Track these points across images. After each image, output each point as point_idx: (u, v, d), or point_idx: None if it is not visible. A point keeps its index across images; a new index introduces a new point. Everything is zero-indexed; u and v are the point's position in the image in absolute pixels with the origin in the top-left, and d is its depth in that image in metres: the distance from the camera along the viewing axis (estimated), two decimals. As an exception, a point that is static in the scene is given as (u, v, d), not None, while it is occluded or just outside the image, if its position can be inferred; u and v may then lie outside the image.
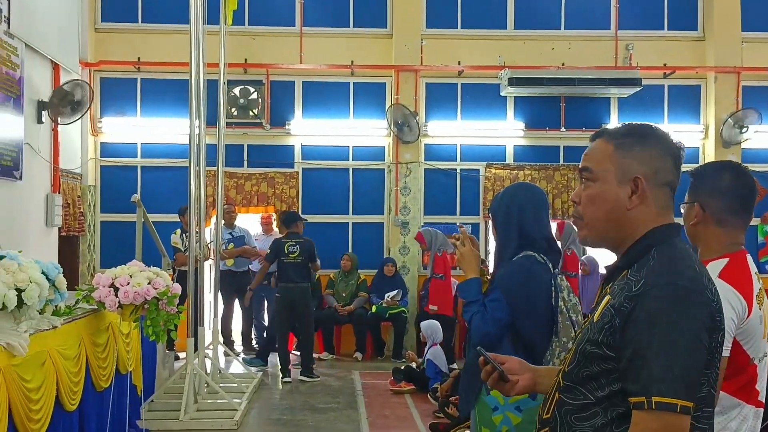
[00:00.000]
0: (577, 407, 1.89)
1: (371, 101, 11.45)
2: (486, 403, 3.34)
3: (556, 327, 3.35)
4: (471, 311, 3.42)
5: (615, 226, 1.97)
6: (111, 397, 5.65)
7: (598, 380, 1.85)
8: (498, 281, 3.45)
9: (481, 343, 3.38)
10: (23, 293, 4.48)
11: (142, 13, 11.22)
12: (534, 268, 3.39)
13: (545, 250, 3.45)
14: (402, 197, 11.28)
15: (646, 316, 1.77)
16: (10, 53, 7.93)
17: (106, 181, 11.30)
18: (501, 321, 3.33)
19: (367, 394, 8.53)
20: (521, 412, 3.26)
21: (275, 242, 9.44)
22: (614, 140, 1.99)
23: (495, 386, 2.24)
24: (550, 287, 3.38)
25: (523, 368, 2.24)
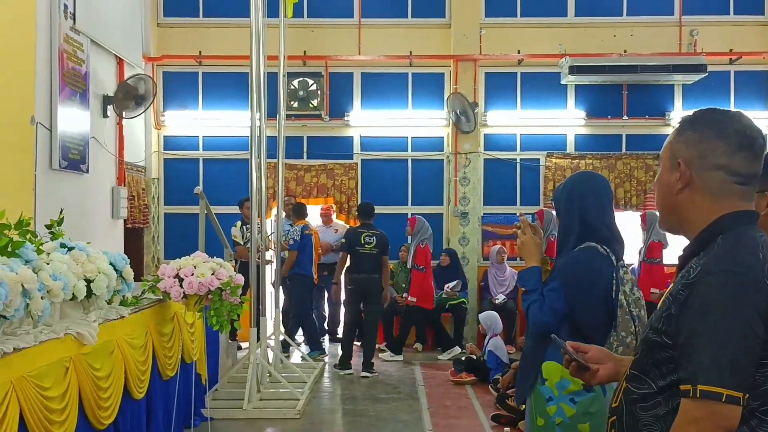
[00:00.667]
0: (640, 396, 1.88)
1: (430, 92, 11.41)
2: (541, 393, 3.32)
3: (615, 321, 3.30)
4: (529, 300, 3.40)
5: (670, 211, 1.99)
6: (177, 386, 5.75)
7: (660, 369, 1.84)
8: (558, 271, 3.40)
9: (537, 332, 3.36)
10: (92, 284, 4.59)
11: (203, 8, 11.36)
12: (594, 259, 3.34)
13: (608, 240, 3.39)
14: (461, 188, 11.23)
15: (699, 303, 1.76)
16: (76, 49, 8.11)
17: (169, 174, 11.49)
18: (558, 311, 3.30)
19: (428, 385, 8.54)
20: (575, 404, 3.24)
21: (351, 232, 9.40)
22: (677, 126, 2.02)
23: (575, 375, 2.23)
24: (610, 280, 3.33)
25: (606, 357, 2.23)
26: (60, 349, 3.91)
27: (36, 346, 3.66)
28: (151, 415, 5.36)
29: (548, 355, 3.29)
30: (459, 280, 10.67)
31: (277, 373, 7.92)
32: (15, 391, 3.36)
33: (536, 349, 3.36)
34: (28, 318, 3.83)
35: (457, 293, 10.59)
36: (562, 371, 3.23)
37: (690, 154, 1.93)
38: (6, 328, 3.67)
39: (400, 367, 9.49)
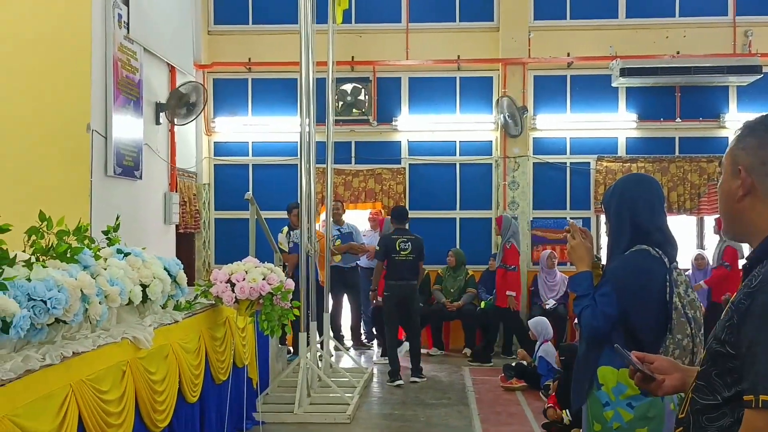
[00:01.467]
0: (706, 407, 1.85)
1: (478, 95, 11.37)
2: (597, 398, 3.28)
3: (670, 323, 3.25)
4: (581, 305, 3.36)
5: (732, 219, 1.95)
6: (229, 390, 5.81)
7: (724, 379, 1.81)
8: (609, 275, 3.36)
9: (590, 337, 3.32)
10: (147, 288, 4.66)
11: (252, 15, 11.48)
12: (647, 262, 3.29)
13: (660, 243, 3.34)
14: (510, 192, 11.16)
15: (761, 312, 1.72)
16: (129, 57, 8.25)
17: (219, 180, 11.62)
18: (610, 316, 3.26)
19: (478, 390, 8.48)
20: (633, 409, 3.21)
21: (385, 239, 9.14)
22: (738, 132, 1.98)
23: (640, 385, 2.20)
24: (664, 282, 3.27)
25: (673, 368, 2.20)
26: (117, 353, 3.97)
27: (94, 350, 3.72)
28: (204, 419, 5.42)
29: (603, 359, 3.26)
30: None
31: (326, 377, 7.95)
32: (74, 394, 3.43)
33: (590, 354, 3.33)
34: (87, 322, 3.91)
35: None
36: (618, 376, 3.20)
37: (750, 160, 1.89)
38: (65, 332, 3.74)
39: (450, 373, 9.44)
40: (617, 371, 3.21)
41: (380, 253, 9.08)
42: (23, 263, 3.50)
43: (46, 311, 3.38)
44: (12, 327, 3.11)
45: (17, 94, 7.30)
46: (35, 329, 3.40)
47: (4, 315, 3.08)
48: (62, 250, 3.84)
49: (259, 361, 6.89)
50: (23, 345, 3.41)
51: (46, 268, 3.57)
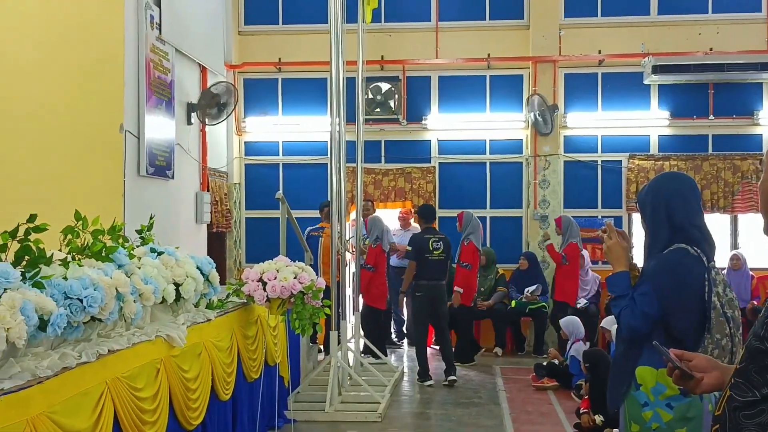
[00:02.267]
0: (744, 404, 1.83)
1: (508, 94, 11.33)
2: (635, 398, 3.26)
3: (708, 323, 3.22)
4: (620, 305, 3.34)
5: None
6: (261, 388, 5.84)
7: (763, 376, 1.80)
8: (647, 275, 3.33)
9: (629, 338, 3.30)
10: (181, 287, 4.70)
11: (282, 15, 11.52)
12: (685, 261, 3.26)
13: (698, 241, 3.30)
14: (541, 190, 11.11)
15: None
16: (162, 58, 8.32)
17: (250, 179, 11.69)
18: (650, 316, 3.23)
19: (509, 390, 8.46)
20: (672, 409, 3.18)
21: (417, 238, 9.02)
22: None
23: (679, 383, 2.19)
24: (703, 281, 3.24)
25: (711, 366, 2.19)
26: (151, 351, 4.01)
27: (129, 348, 3.77)
28: (237, 417, 5.46)
29: (642, 360, 3.23)
30: (539, 285, 10.55)
31: (357, 376, 7.97)
32: (110, 391, 3.47)
33: (628, 354, 3.30)
34: (122, 321, 3.95)
35: (537, 297, 10.47)
36: (657, 376, 3.17)
37: None
38: (101, 330, 3.79)
39: (480, 372, 9.42)
40: (656, 371, 3.18)
41: (413, 253, 8.94)
42: (60, 262, 3.55)
43: (82, 309, 3.43)
44: (49, 325, 3.16)
45: (52, 97, 7.40)
46: (72, 327, 3.44)
47: (41, 313, 3.13)
48: (97, 249, 3.89)
49: (290, 360, 6.92)
50: (60, 343, 3.46)
51: (81, 267, 3.61)
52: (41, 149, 7.36)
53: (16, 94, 7.42)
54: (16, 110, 7.41)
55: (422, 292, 8.85)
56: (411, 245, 9.09)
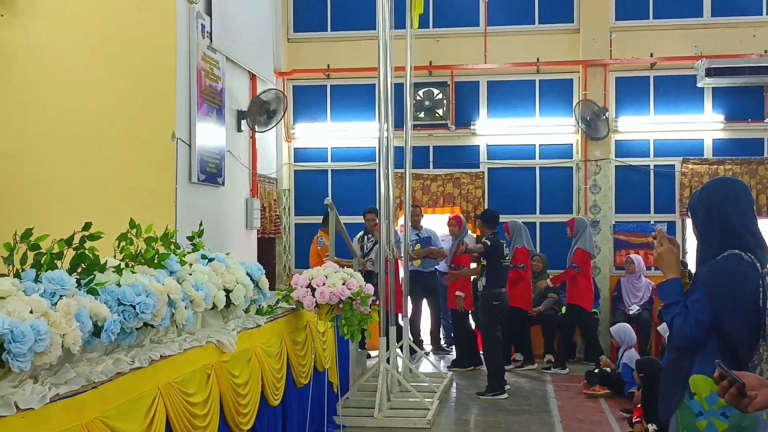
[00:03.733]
0: None
1: (558, 98, 11.23)
2: (689, 407, 3.20)
3: (763, 330, 3.14)
4: (672, 313, 3.28)
5: None
6: (310, 393, 5.86)
7: None
8: (700, 282, 3.27)
9: (682, 346, 3.23)
10: (231, 293, 4.75)
11: (331, 22, 11.59)
12: (739, 267, 3.18)
13: (752, 247, 3.23)
14: (592, 195, 10.98)
15: None
16: (212, 66, 8.43)
17: (299, 185, 11.77)
18: (704, 323, 3.17)
19: (560, 397, 8.37)
20: (727, 419, 3.12)
21: (496, 243, 8.62)
22: None
23: (731, 402, 2.15)
24: (757, 288, 3.17)
25: (761, 384, 2.16)
26: (202, 356, 4.06)
27: (181, 353, 3.81)
28: (287, 422, 5.49)
29: (696, 368, 3.17)
30: (590, 291, 10.41)
31: (406, 382, 7.95)
32: (162, 396, 3.51)
33: (681, 362, 3.24)
34: (173, 327, 4.01)
35: (588, 304, 10.34)
36: (712, 385, 3.10)
37: None
38: (153, 336, 3.84)
39: (530, 379, 9.34)
40: (711, 380, 3.12)
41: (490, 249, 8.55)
42: (113, 269, 3.61)
43: (135, 316, 3.48)
44: (103, 331, 3.22)
45: (106, 106, 7.54)
46: (125, 333, 3.50)
47: (96, 319, 3.19)
48: (150, 256, 3.95)
49: (339, 366, 6.94)
50: (113, 348, 3.52)
51: (134, 274, 3.67)
52: (96, 158, 7.50)
53: (73, 104, 7.58)
54: (73, 120, 7.56)
55: (502, 300, 8.60)
56: (491, 248, 8.64)
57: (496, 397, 8.36)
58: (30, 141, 7.58)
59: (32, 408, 2.65)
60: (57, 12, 7.64)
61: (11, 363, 2.66)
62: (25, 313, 2.77)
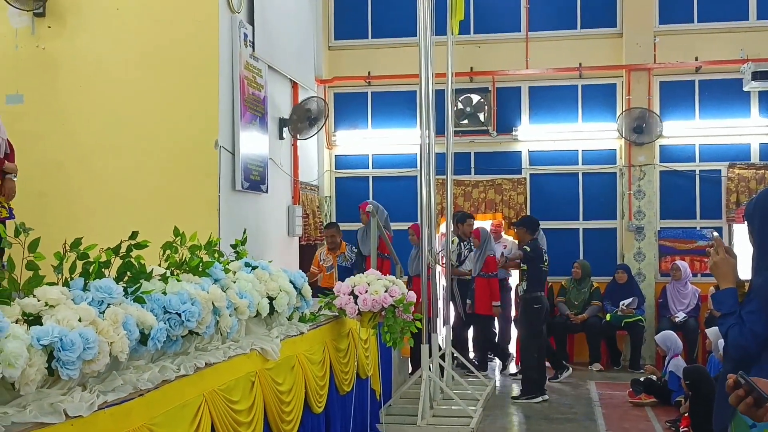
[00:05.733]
0: None
1: (601, 103, 11.13)
2: (743, 420, 3.09)
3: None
4: (727, 324, 3.20)
5: None
6: (353, 401, 5.86)
7: None
8: (756, 291, 3.18)
9: (737, 357, 3.16)
10: (274, 301, 4.77)
11: (371, 30, 11.62)
12: (798, 276, 3.10)
13: None
14: (636, 201, 10.84)
15: None
16: (255, 75, 8.49)
17: (340, 192, 11.80)
18: (759, 335, 3.08)
19: (605, 405, 8.26)
20: (781, 431, 3.01)
21: (537, 248, 8.68)
22: None
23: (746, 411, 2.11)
24: None
25: None
26: (246, 364, 4.07)
27: (225, 361, 3.83)
28: (330, 429, 5.49)
29: None
30: (635, 297, 10.28)
31: (449, 389, 7.92)
32: (207, 403, 3.54)
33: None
34: (218, 334, 4.03)
35: (633, 311, 10.21)
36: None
37: None
38: (198, 343, 3.87)
39: (575, 386, 9.23)
40: None
41: (534, 261, 8.57)
42: (159, 277, 3.65)
43: (180, 324, 3.51)
44: (150, 339, 3.25)
45: (150, 115, 7.64)
46: (171, 341, 3.53)
47: (142, 327, 3.22)
48: (195, 264, 3.99)
49: (381, 373, 6.94)
50: (159, 356, 3.55)
51: (180, 282, 3.70)
52: (141, 167, 7.60)
53: (118, 114, 7.69)
54: (118, 129, 7.68)
55: (542, 305, 8.62)
56: (532, 251, 8.65)
57: (530, 401, 8.38)
58: (76, 151, 7.72)
59: (81, 415, 2.68)
60: (103, 23, 7.77)
61: (60, 371, 2.70)
62: (74, 321, 2.81)
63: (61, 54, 7.84)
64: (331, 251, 9.72)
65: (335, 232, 9.79)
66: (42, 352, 2.65)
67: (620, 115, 10.76)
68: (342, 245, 9.72)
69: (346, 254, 9.64)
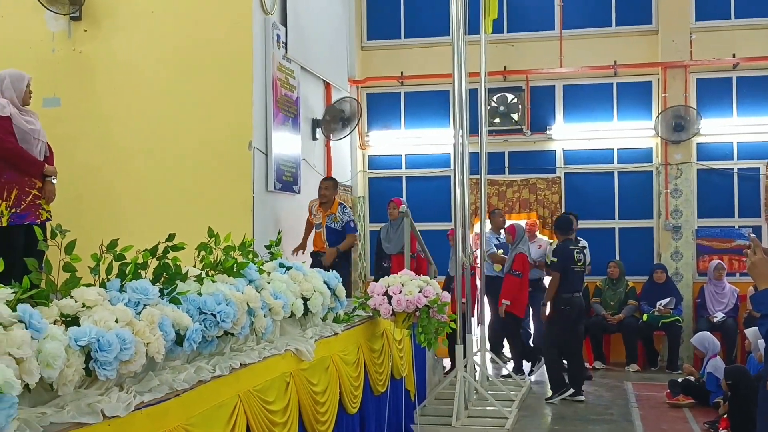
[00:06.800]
0: None
1: (636, 101, 11.01)
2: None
3: None
4: (766, 325, 3.14)
5: None
6: (388, 401, 5.85)
7: None
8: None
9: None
10: (308, 302, 4.77)
11: (404, 29, 11.60)
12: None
13: None
14: (672, 200, 10.70)
15: None
16: (288, 76, 8.52)
17: (373, 192, 11.79)
18: (799, 337, 3.03)
19: (642, 406, 8.16)
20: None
21: (564, 248, 8.55)
22: None
23: None
24: None
25: None
26: (281, 364, 4.08)
27: (260, 362, 3.83)
28: (364, 430, 5.48)
29: None
30: (672, 298, 10.16)
31: (483, 390, 7.87)
32: (242, 404, 3.54)
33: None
34: (252, 335, 4.04)
35: (670, 311, 10.09)
36: None
37: None
38: (233, 344, 3.88)
39: (611, 387, 9.13)
40: None
41: (559, 264, 8.49)
42: (194, 278, 3.66)
43: (215, 324, 3.52)
44: (185, 340, 3.26)
45: (184, 117, 7.70)
46: (206, 342, 3.54)
47: (178, 328, 3.23)
48: (229, 265, 4.00)
49: (416, 373, 6.91)
50: (195, 357, 3.56)
51: (215, 283, 3.72)
52: (175, 168, 7.66)
53: (152, 116, 7.77)
54: (152, 131, 7.75)
55: (571, 306, 8.48)
56: (556, 255, 8.62)
57: (563, 395, 8.33)
58: (112, 153, 7.80)
59: (118, 415, 2.69)
60: (137, 26, 7.85)
61: (98, 371, 2.72)
62: (111, 322, 2.82)
63: (97, 57, 7.93)
64: (322, 207, 8.68)
65: (329, 185, 8.73)
66: (80, 353, 2.67)
67: (660, 114, 10.61)
68: (335, 204, 8.68)
69: (337, 215, 8.60)
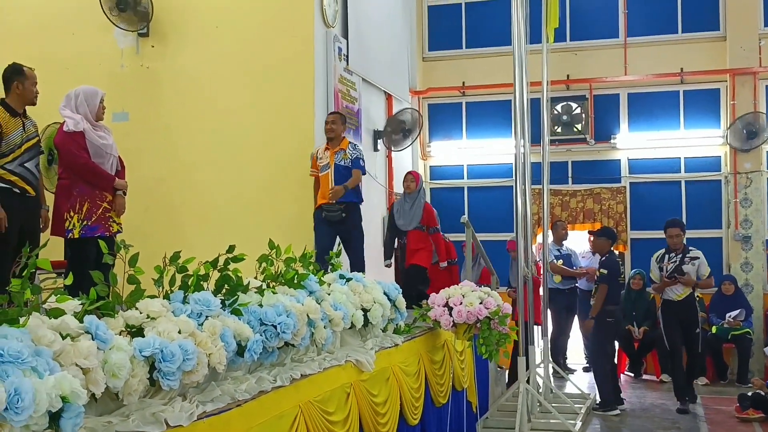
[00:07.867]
0: None
1: (703, 109, 10.79)
2: None
3: None
4: None
5: None
6: (449, 413, 5.83)
7: None
8: None
9: None
10: (369, 313, 4.79)
11: (465, 40, 11.59)
12: None
13: None
14: (742, 210, 10.45)
15: None
16: (349, 88, 8.59)
17: (435, 203, 11.70)
18: None
19: (710, 420, 7.96)
20: None
21: (613, 261, 8.57)
22: None
23: None
24: None
25: None
26: (341, 375, 4.10)
27: (320, 372, 3.86)
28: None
29: None
30: (742, 309, 9.89)
31: (546, 402, 7.78)
32: (303, 415, 3.57)
33: None
34: (313, 346, 4.08)
35: (740, 323, 9.82)
36: None
37: None
38: (294, 355, 3.92)
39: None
40: None
41: (608, 276, 8.38)
42: (255, 290, 3.72)
43: (276, 335, 3.57)
44: (246, 350, 3.31)
45: (247, 130, 7.83)
46: (267, 352, 3.59)
47: (239, 339, 3.28)
48: (290, 277, 4.04)
49: (478, 385, 6.87)
50: (256, 367, 3.61)
51: (275, 295, 3.76)
52: (239, 180, 7.79)
53: (217, 129, 7.91)
54: (216, 144, 7.90)
55: (614, 318, 8.48)
56: (608, 268, 8.49)
57: (607, 413, 8.21)
58: (178, 166, 7.97)
59: (181, 425, 2.74)
60: (203, 41, 8.01)
61: (161, 381, 2.78)
62: (174, 333, 2.89)
63: (164, 72, 8.12)
64: (330, 144, 7.59)
65: (336, 119, 7.66)
66: (144, 363, 2.73)
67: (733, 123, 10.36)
68: (344, 141, 7.67)
69: (347, 151, 7.61)
